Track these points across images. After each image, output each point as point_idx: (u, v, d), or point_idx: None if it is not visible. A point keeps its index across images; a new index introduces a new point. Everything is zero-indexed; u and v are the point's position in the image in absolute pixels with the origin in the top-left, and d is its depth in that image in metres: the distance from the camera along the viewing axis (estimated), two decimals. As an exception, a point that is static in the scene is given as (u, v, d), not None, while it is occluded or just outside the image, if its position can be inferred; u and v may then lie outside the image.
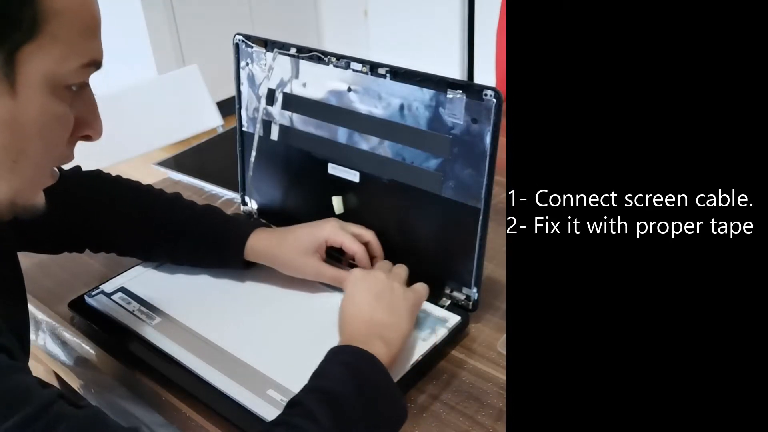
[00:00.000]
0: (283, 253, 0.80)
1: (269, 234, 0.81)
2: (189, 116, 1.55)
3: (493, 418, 0.66)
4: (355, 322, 0.68)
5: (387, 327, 0.67)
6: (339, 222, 0.81)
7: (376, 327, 0.67)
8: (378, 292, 0.71)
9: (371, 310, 0.69)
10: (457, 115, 0.73)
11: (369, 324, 0.67)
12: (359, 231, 0.81)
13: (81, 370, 0.78)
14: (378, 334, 0.66)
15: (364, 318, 0.68)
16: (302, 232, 0.80)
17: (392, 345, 0.66)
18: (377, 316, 0.68)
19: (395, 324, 0.68)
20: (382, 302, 0.70)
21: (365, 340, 0.65)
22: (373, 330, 0.67)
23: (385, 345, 0.65)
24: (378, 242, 0.82)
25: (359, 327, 0.67)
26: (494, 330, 0.77)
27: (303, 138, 0.87)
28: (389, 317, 0.68)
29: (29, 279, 0.88)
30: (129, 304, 0.80)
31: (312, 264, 0.79)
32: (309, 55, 0.84)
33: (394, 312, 0.69)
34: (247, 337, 0.74)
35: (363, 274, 0.74)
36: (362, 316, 0.69)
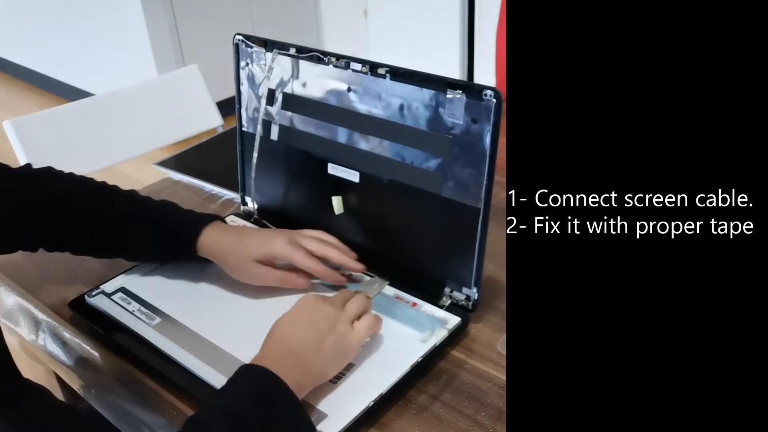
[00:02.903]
0: (230, 259, 0.79)
1: (222, 234, 0.80)
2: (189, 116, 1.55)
3: (493, 418, 0.66)
4: (280, 345, 0.66)
5: (310, 364, 0.65)
6: (290, 235, 0.80)
7: (299, 359, 0.65)
8: (318, 326, 0.67)
9: (303, 341, 0.66)
10: (457, 115, 0.73)
11: (293, 354, 0.65)
12: (313, 246, 0.79)
13: (81, 370, 0.78)
14: (297, 366, 0.64)
15: (291, 346, 0.65)
16: (253, 242, 0.79)
17: (307, 381, 0.64)
18: (306, 350, 0.65)
19: (319, 364, 0.66)
20: (317, 338, 0.66)
21: (282, 366, 0.62)
22: (295, 362, 0.64)
23: (301, 377, 0.63)
24: (341, 254, 0.80)
25: (282, 352, 0.65)
26: (494, 330, 0.77)
27: (303, 138, 0.87)
28: (316, 355, 0.66)
29: (29, 279, 0.89)
30: (129, 304, 0.80)
31: (257, 272, 0.78)
32: (309, 55, 0.84)
33: (324, 352, 0.66)
34: (247, 338, 0.74)
35: (313, 301, 0.70)
36: (291, 343, 0.66)
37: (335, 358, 0.67)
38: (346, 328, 0.69)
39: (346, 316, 0.70)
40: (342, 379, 0.69)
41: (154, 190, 1.11)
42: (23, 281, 0.89)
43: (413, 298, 0.79)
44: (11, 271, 0.91)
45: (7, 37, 3.57)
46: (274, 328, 0.68)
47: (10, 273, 0.90)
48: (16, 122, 1.30)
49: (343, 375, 0.69)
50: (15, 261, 0.90)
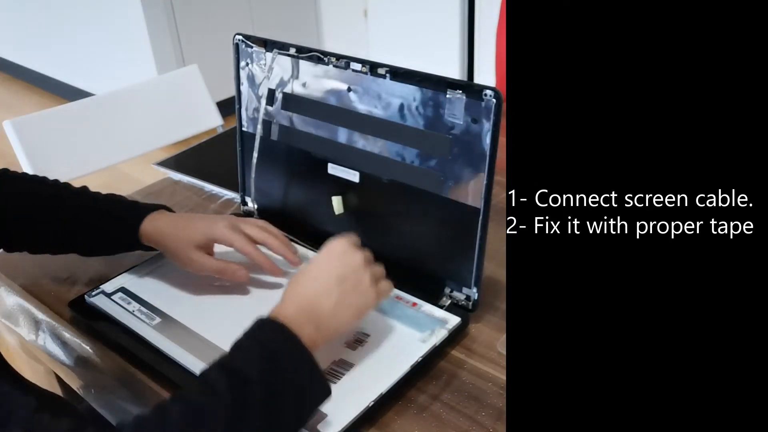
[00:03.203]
0: (171, 244, 0.79)
1: (164, 220, 0.80)
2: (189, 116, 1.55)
3: (493, 418, 0.66)
4: (299, 295, 0.65)
5: (328, 317, 0.65)
6: (232, 221, 0.81)
7: (317, 313, 0.64)
8: (343, 275, 0.66)
9: (324, 292, 0.65)
10: (457, 115, 0.73)
11: (312, 307, 0.64)
12: (254, 232, 0.80)
13: (81, 370, 0.78)
14: (316, 320, 0.64)
15: (310, 297, 0.65)
16: (194, 227, 0.79)
17: (323, 334, 0.64)
18: (326, 302, 0.65)
19: (338, 317, 0.65)
20: (339, 288, 0.66)
21: (299, 320, 0.62)
22: (313, 315, 0.64)
23: (316, 332, 0.63)
24: (281, 244, 0.80)
25: (301, 304, 0.64)
26: (494, 330, 0.77)
27: (303, 138, 0.87)
28: (335, 308, 0.65)
29: (29, 279, 0.89)
30: (129, 304, 0.80)
31: (195, 259, 0.78)
32: (309, 55, 0.84)
33: (344, 305, 0.66)
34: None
35: (343, 247, 0.69)
36: (310, 293, 0.65)
37: (353, 313, 0.67)
38: (370, 289, 0.68)
39: (373, 275, 0.69)
40: (342, 379, 0.69)
41: (154, 190, 1.11)
42: (23, 281, 0.89)
43: (413, 298, 0.79)
44: (11, 271, 0.91)
45: (7, 37, 3.57)
46: (299, 279, 0.67)
47: (10, 273, 0.90)
48: (16, 122, 1.30)
49: (343, 375, 0.69)
50: (15, 261, 0.90)
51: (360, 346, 0.73)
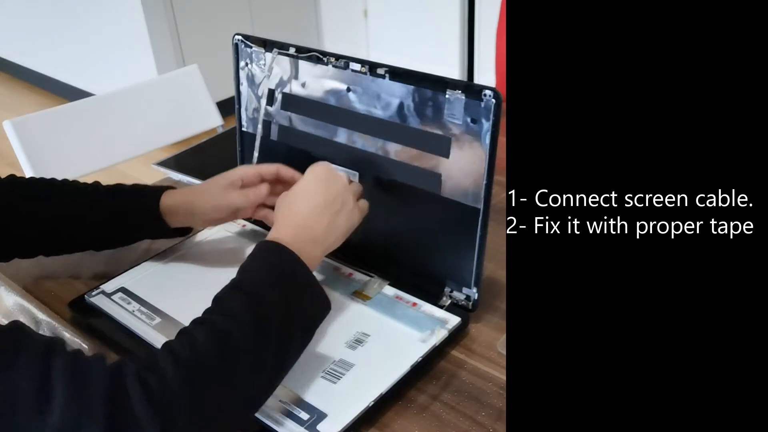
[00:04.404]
0: (196, 197, 0.81)
1: (182, 191, 0.83)
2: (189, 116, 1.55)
3: (493, 418, 0.66)
4: (293, 218, 0.70)
5: (322, 237, 0.70)
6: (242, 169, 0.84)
7: (312, 234, 0.69)
8: (331, 198, 0.72)
9: (316, 214, 0.70)
10: (457, 115, 0.73)
11: (306, 229, 0.70)
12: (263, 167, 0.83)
13: (81, 371, 0.78)
14: (311, 241, 0.69)
15: (304, 218, 0.70)
16: (216, 177, 0.83)
17: (317, 254, 0.70)
18: (317, 223, 0.70)
19: (329, 237, 0.71)
20: (329, 210, 0.71)
21: (297, 241, 0.67)
22: (308, 237, 0.69)
23: (312, 252, 0.68)
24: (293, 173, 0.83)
25: (296, 224, 0.70)
26: (494, 330, 0.77)
27: (303, 138, 0.87)
28: (327, 229, 0.71)
29: (29, 279, 0.89)
30: (129, 304, 0.80)
31: (232, 195, 0.81)
32: (308, 55, 0.84)
33: (334, 225, 0.71)
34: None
35: (327, 171, 0.74)
36: (303, 215, 0.70)
37: (343, 232, 0.73)
38: (354, 206, 0.74)
39: (354, 193, 0.75)
40: (342, 379, 0.69)
41: (154, 190, 1.11)
42: (23, 281, 0.89)
43: (413, 298, 0.79)
44: (11, 271, 0.90)
45: (7, 37, 3.57)
46: (289, 201, 0.72)
47: (10, 273, 0.90)
48: (16, 122, 1.30)
49: (343, 374, 0.69)
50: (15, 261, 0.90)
51: (360, 346, 0.72)
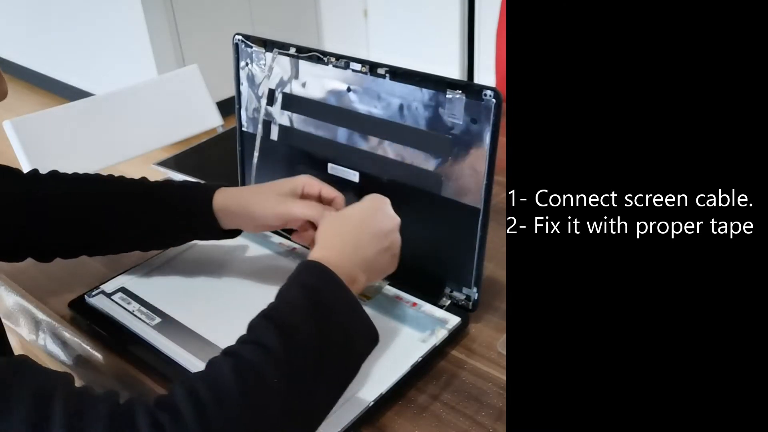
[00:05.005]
0: (255, 200, 0.76)
1: (234, 190, 0.78)
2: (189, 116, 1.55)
3: (493, 418, 0.66)
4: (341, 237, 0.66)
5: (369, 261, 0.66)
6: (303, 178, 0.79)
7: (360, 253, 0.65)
8: (384, 231, 0.68)
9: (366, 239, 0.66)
10: (457, 115, 0.73)
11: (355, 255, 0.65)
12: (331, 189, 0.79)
13: (81, 370, 0.78)
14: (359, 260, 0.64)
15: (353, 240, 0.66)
16: (277, 181, 0.77)
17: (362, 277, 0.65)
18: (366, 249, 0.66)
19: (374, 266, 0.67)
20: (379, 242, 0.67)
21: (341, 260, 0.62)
22: (357, 255, 0.65)
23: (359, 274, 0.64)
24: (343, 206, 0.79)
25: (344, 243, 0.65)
26: (494, 330, 0.77)
27: (303, 138, 0.87)
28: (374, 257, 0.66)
29: (29, 279, 0.89)
30: (129, 304, 0.80)
31: (290, 203, 0.75)
32: (308, 55, 0.84)
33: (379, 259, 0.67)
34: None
35: (385, 205, 0.70)
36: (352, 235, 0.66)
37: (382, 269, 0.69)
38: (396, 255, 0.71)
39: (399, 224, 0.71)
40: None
41: (154, 190, 1.11)
42: (23, 281, 0.89)
43: (413, 298, 0.79)
44: (11, 271, 0.90)
45: (7, 37, 3.57)
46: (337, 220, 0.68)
47: (10, 273, 0.90)
48: (16, 122, 1.30)
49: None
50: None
51: None
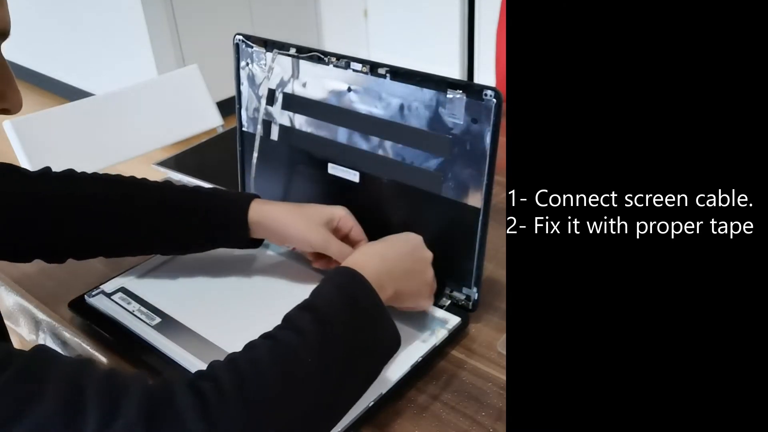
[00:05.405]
0: (293, 221, 0.77)
1: (271, 205, 0.79)
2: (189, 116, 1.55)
3: (493, 418, 0.66)
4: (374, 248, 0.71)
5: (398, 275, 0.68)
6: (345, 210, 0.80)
7: (389, 265, 0.68)
8: (416, 258, 0.72)
9: (398, 256, 0.70)
10: (457, 115, 0.73)
11: (384, 259, 0.68)
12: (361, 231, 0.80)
13: (81, 370, 0.78)
14: (388, 270, 0.67)
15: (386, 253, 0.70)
16: (315, 206, 0.79)
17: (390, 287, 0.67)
18: (397, 264, 0.69)
19: (402, 281, 0.69)
20: (410, 265, 0.71)
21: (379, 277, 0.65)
22: (386, 266, 0.68)
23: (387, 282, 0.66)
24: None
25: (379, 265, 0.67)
26: (494, 330, 0.77)
27: (303, 138, 0.87)
28: (404, 274, 0.70)
29: (29, 279, 0.89)
30: (129, 304, 0.80)
31: (323, 233, 0.77)
32: (309, 55, 0.84)
33: (409, 279, 0.70)
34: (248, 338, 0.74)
35: (421, 241, 0.74)
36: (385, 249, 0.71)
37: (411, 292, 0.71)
38: (430, 286, 0.74)
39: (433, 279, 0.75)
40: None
41: (154, 190, 1.11)
42: (23, 281, 0.89)
43: (413, 298, 0.79)
44: (11, 271, 0.90)
45: (7, 37, 3.57)
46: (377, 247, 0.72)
47: (10, 273, 0.90)
48: (16, 122, 1.30)
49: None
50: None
51: None
